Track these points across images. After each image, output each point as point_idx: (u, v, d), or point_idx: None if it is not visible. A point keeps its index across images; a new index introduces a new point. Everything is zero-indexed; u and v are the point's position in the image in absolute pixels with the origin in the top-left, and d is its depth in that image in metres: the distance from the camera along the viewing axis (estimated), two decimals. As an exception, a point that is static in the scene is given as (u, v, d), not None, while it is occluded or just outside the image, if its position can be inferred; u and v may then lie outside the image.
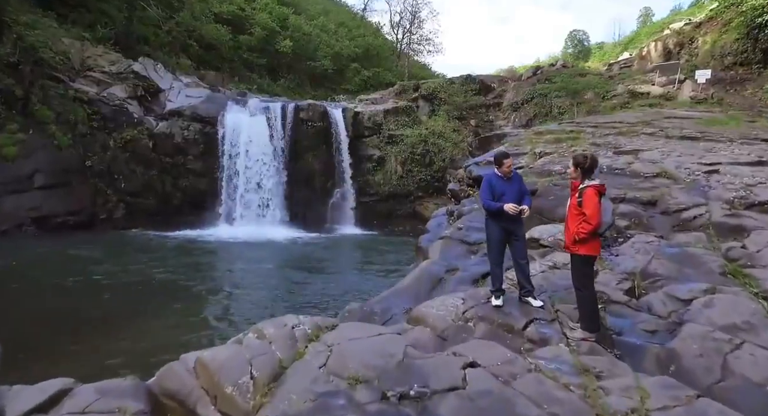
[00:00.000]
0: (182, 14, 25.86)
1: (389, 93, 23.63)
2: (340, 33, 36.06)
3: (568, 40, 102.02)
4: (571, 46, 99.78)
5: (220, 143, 18.62)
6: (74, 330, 7.37)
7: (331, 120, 20.16)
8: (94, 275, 10.09)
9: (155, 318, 7.91)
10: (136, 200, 17.35)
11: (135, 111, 18.09)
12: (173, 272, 10.64)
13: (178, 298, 8.93)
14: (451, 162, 20.31)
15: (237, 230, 16.91)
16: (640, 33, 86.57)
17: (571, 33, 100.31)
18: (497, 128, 21.84)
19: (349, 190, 20.29)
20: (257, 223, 18.02)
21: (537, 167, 7.95)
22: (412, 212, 20.57)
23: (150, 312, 8.18)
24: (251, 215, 18.08)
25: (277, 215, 18.67)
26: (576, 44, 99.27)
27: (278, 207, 18.84)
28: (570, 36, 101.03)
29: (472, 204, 8.91)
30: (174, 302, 8.70)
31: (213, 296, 9.01)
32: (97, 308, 8.33)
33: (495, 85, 23.48)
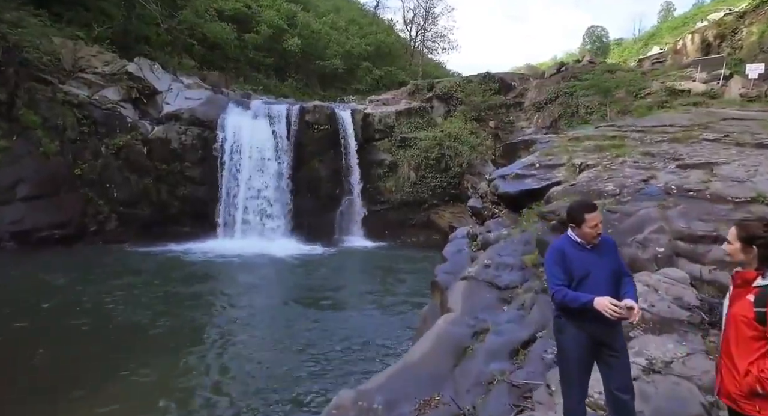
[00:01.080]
0: (184, 12, 24.72)
1: (402, 93, 22.15)
2: (351, 31, 34.66)
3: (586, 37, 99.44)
4: (589, 43, 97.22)
5: (219, 149, 17.35)
6: (18, 396, 5.98)
7: (339, 123, 18.76)
8: (60, 314, 8.68)
9: (123, 379, 6.47)
10: (129, 210, 16.15)
11: (129, 115, 16.91)
12: (154, 308, 9.19)
13: (153, 348, 7.48)
14: (468, 167, 18.76)
15: (236, 245, 15.61)
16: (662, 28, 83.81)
17: (589, 29, 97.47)
18: (518, 130, 20.22)
19: (357, 198, 18.88)
20: (258, 235, 16.71)
21: (580, 185, 6.42)
22: (426, 221, 19.07)
23: (121, 366, 6.74)
24: (252, 226, 16.78)
25: (280, 226, 17.34)
26: (594, 40, 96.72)
27: (281, 217, 17.51)
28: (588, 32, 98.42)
29: (499, 228, 7.40)
30: (149, 354, 7.28)
31: (193, 347, 7.51)
32: (56, 362, 6.90)
33: (516, 83, 21.84)
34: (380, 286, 11.19)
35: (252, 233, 16.68)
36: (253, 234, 16.64)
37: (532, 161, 8.81)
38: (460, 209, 18.33)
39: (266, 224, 16.95)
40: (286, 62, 29.45)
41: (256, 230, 16.73)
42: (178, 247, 15.09)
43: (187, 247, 14.99)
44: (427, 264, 12.84)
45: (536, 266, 5.61)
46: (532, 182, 7.83)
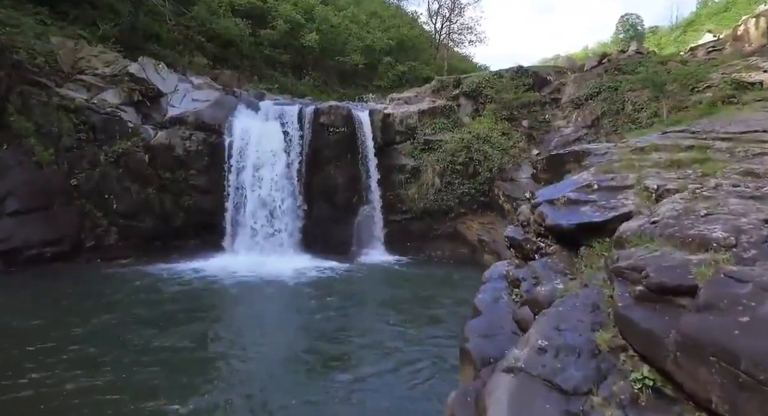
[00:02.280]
0: (196, 8, 23.51)
1: (425, 91, 20.39)
2: (372, 24, 33.01)
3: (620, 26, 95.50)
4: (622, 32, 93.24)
5: (226, 155, 16.00)
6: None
7: (357, 125, 17.18)
8: (37, 356, 7.38)
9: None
10: (130, 222, 14.95)
11: (130, 119, 15.70)
12: (144, 350, 7.83)
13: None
14: (499, 172, 16.92)
15: (242, 262, 14.20)
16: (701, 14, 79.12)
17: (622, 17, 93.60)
18: (555, 129, 18.23)
19: (377, 207, 17.27)
20: (267, 251, 15.30)
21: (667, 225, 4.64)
22: (452, 232, 17.33)
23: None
24: (261, 241, 15.36)
25: (291, 239, 15.90)
26: (628, 29, 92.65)
27: (293, 230, 16.07)
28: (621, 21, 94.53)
29: (550, 275, 5.65)
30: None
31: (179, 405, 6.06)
32: None
33: (551, 77, 19.81)
34: (402, 326, 9.49)
35: (260, 248, 15.28)
36: (261, 249, 15.25)
37: (587, 181, 6.97)
38: (490, 219, 16.56)
39: (276, 237, 15.52)
40: (304, 59, 28.04)
41: (265, 245, 15.32)
42: (180, 266, 13.80)
43: (189, 267, 13.66)
44: (459, 291, 11.21)
45: (616, 353, 3.90)
46: (591, 212, 6.03)
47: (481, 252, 15.41)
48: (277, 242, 15.46)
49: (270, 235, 15.51)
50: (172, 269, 13.44)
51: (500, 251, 14.42)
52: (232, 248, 15.27)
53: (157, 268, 13.45)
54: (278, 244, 15.45)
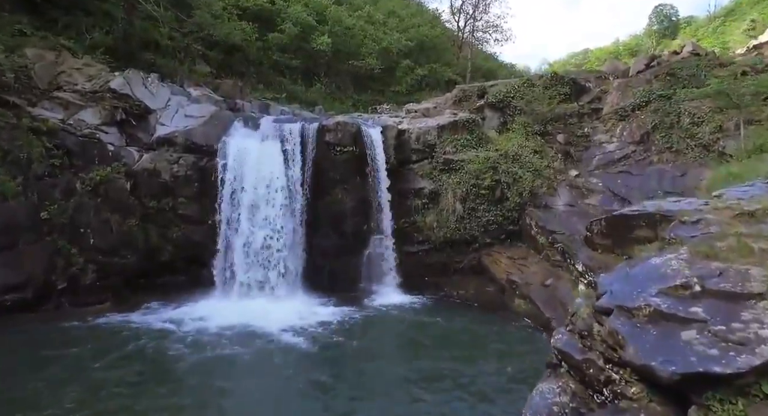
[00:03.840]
0: (198, 12, 21.74)
1: (445, 101, 18.15)
2: (390, 24, 30.84)
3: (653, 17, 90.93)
4: (656, 23, 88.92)
5: (218, 180, 14.14)
6: None
7: (367, 143, 15.09)
8: None
9: None
10: (110, 259, 13.21)
11: (112, 141, 13.98)
12: None
13: None
14: (531, 197, 14.63)
15: (231, 307, 12.35)
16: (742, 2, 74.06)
17: (656, 8, 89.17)
18: (596, 145, 15.80)
19: (389, 236, 15.16)
20: (263, 293, 13.38)
21: None
22: (476, 265, 15.10)
23: None
24: (255, 279, 13.44)
25: (291, 276, 13.93)
26: (662, 20, 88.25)
27: (293, 265, 14.10)
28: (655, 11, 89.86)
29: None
30: None
31: None
32: None
33: (591, 84, 17.32)
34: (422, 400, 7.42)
35: (255, 288, 13.37)
36: (256, 291, 13.34)
37: (680, 274, 4.67)
38: (521, 253, 14.28)
39: (273, 276, 13.58)
40: (315, 64, 26.08)
41: (261, 286, 13.39)
42: (160, 313, 12.02)
43: (169, 316, 11.84)
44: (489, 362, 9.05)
45: None
46: (704, 349, 3.78)
47: (510, 294, 13.16)
48: (273, 281, 13.52)
49: (266, 272, 13.57)
50: (150, 319, 11.63)
51: (534, 298, 12.17)
52: (223, 289, 13.40)
53: (134, 316, 11.67)
54: (275, 283, 13.51)
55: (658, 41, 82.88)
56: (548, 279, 12.41)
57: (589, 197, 13.80)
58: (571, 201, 13.96)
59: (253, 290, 13.40)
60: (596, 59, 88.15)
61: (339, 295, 13.97)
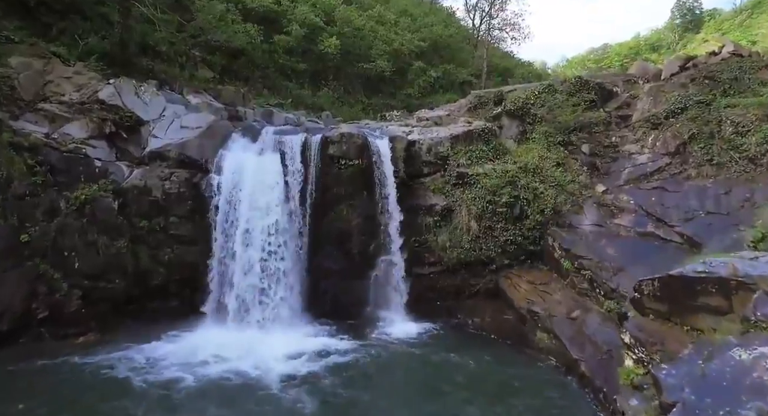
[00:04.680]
0: (200, 14, 20.78)
1: (459, 108, 16.87)
2: (402, 24, 29.59)
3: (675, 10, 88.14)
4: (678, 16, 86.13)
5: (213, 198, 13.11)
6: None
7: (374, 155, 13.93)
8: None
9: None
10: (96, 284, 12.25)
11: (100, 156, 13.03)
12: None
13: None
14: (554, 215, 13.32)
15: (223, 340, 11.30)
16: (771, -7, 70.91)
17: (678, 1, 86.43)
18: (625, 156, 14.39)
19: (398, 257, 13.97)
20: (260, 320, 12.30)
21: None
22: (493, 288, 13.86)
23: None
24: (251, 308, 12.37)
25: (290, 302, 12.85)
26: (684, 14, 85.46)
27: (293, 290, 13.02)
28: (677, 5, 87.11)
29: None
30: None
31: None
32: None
33: (619, 88, 15.89)
34: None
35: (251, 316, 12.30)
36: (252, 319, 12.27)
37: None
38: (543, 277, 12.99)
39: (271, 302, 12.50)
40: (323, 67, 24.99)
41: (256, 313, 12.33)
42: (145, 347, 10.99)
43: (156, 351, 10.83)
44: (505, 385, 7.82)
45: None
46: None
47: (532, 326, 11.87)
48: (272, 307, 12.44)
49: (263, 298, 12.50)
50: (132, 353, 10.63)
51: (558, 333, 10.89)
52: (216, 317, 12.37)
53: (115, 354, 10.64)
54: (273, 309, 12.43)
55: (681, 35, 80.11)
56: (574, 311, 11.11)
57: (619, 217, 12.42)
58: (599, 221, 12.61)
59: (249, 317, 12.33)
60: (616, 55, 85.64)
61: (343, 323, 12.87)
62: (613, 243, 11.68)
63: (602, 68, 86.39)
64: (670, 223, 11.42)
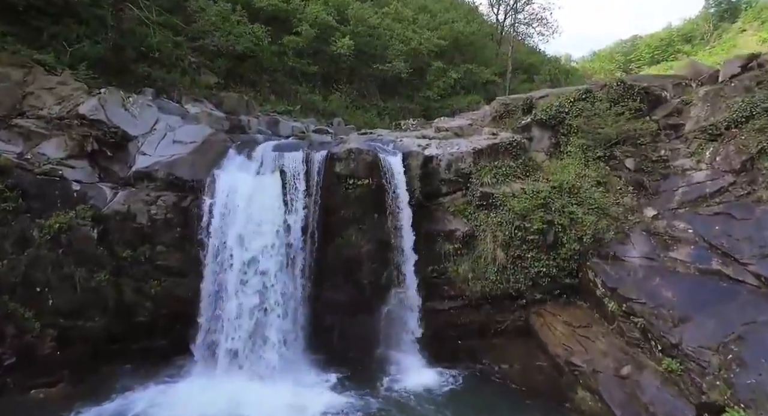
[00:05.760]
0: (203, 15, 19.37)
1: (483, 117, 15.02)
2: (420, 22, 27.77)
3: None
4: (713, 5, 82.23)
5: (204, 224, 11.63)
6: None
7: (386, 174, 12.25)
8: None
9: None
10: (74, 322, 10.92)
11: (80, 177, 11.69)
12: None
13: None
14: (594, 244, 11.45)
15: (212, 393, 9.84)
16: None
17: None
18: (677, 173, 12.40)
19: (413, 289, 12.29)
20: (257, 365, 10.79)
21: None
22: (523, 325, 12.09)
23: None
24: (246, 353, 10.85)
25: (291, 346, 11.30)
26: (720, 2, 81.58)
27: (295, 329, 11.48)
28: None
29: None
30: None
31: None
32: None
33: (667, 93, 13.83)
34: None
35: (245, 362, 10.80)
36: (246, 365, 10.77)
37: None
38: (582, 317, 11.14)
39: (267, 345, 10.98)
40: (336, 69, 23.40)
41: (251, 360, 10.81)
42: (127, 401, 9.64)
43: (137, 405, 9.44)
44: None
45: None
46: None
47: (571, 381, 10.05)
48: (268, 355, 10.91)
49: (258, 341, 10.99)
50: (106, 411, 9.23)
51: (604, 395, 9.05)
52: (205, 363, 10.90)
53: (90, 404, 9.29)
54: (270, 357, 10.89)
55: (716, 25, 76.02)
56: (624, 366, 9.27)
57: (674, 249, 10.48)
58: (650, 253, 10.68)
59: (243, 363, 10.83)
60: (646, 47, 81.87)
61: (351, 368, 11.30)
62: (670, 283, 9.75)
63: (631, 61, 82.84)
64: (742, 260, 9.45)
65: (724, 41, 71.01)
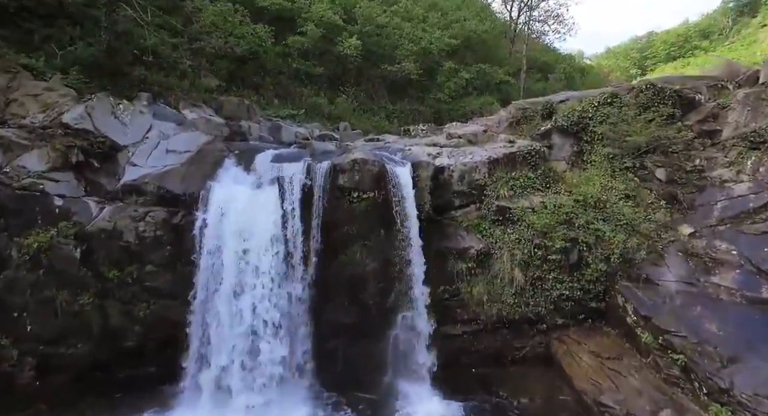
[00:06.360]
0: (202, 15, 18.49)
1: (499, 122, 13.92)
2: (431, 20, 26.65)
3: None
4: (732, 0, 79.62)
5: (196, 242, 10.72)
6: None
7: (393, 186, 11.25)
8: None
9: None
10: (55, 349, 10.14)
11: (64, 191, 10.84)
12: None
13: None
14: (623, 265, 10.35)
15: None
16: None
17: (731, -19, 79.72)
18: (714, 185, 11.23)
19: (422, 312, 11.28)
20: (251, 398, 9.87)
21: None
22: (543, 352, 11.05)
23: None
24: (240, 386, 9.93)
25: (288, 373, 10.36)
26: (739, -5, 78.82)
27: (292, 357, 10.53)
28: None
29: None
30: None
31: None
32: None
33: (702, 96, 12.65)
34: None
35: (238, 395, 9.87)
36: (239, 398, 9.85)
37: None
38: (611, 346, 10.06)
39: (263, 375, 10.05)
40: (342, 71, 22.41)
41: (245, 388, 9.88)
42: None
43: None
44: None
45: None
46: None
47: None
48: (264, 382, 9.98)
49: (253, 370, 10.06)
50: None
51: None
52: (192, 395, 9.99)
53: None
54: (266, 384, 9.97)
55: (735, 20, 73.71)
56: (663, 410, 8.19)
57: (717, 273, 9.35)
58: (688, 276, 9.56)
59: (236, 393, 9.91)
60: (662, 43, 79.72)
61: (354, 398, 10.36)
62: (714, 314, 8.64)
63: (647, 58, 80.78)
64: (796, 288, 8.31)
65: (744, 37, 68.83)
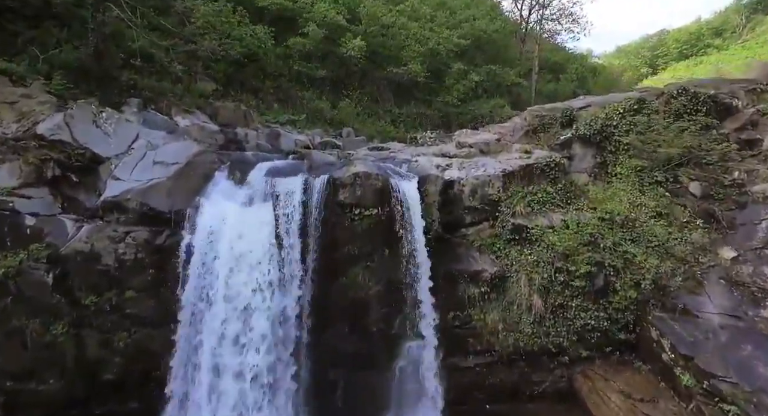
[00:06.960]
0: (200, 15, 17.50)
1: (513, 130, 12.81)
2: (439, 20, 25.57)
3: (744, -12, 79.78)
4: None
5: (181, 265, 9.74)
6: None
7: (398, 202, 10.22)
8: None
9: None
10: (24, 385, 9.22)
11: (37, 210, 9.92)
12: None
13: None
14: (656, 292, 9.23)
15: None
16: None
17: (745, -22, 78.08)
18: (755, 200, 10.07)
19: (430, 341, 10.22)
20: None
21: None
22: (565, 388, 9.95)
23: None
24: None
25: (283, 407, 9.35)
26: (754, -9, 76.96)
27: (288, 390, 9.52)
28: (745, -19, 78.69)
29: None
30: None
31: None
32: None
33: (739, 101, 11.50)
34: None
35: (224, 438, 8.89)
36: (225, 442, 8.86)
37: None
38: (642, 383, 8.95)
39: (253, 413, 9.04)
40: (346, 73, 21.40)
41: (232, 434, 8.90)
42: None
43: None
44: None
45: None
46: None
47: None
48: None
49: (243, 408, 9.06)
50: None
51: None
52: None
53: None
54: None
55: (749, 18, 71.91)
56: (708, 469, 7.05)
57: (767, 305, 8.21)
58: (734, 308, 8.43)
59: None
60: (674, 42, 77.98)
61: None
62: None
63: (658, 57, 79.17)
64: None
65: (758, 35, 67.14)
